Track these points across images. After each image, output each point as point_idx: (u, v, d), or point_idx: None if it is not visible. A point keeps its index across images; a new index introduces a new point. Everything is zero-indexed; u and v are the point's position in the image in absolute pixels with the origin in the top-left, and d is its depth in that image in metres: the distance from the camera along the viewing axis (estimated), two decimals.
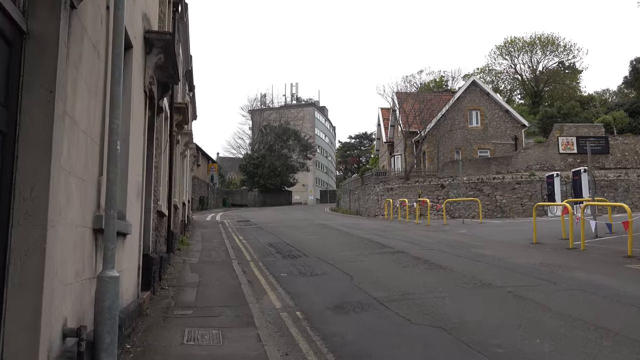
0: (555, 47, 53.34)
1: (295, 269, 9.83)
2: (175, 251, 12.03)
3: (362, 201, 33.08)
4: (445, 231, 17.52)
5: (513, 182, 25.79)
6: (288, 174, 57.76)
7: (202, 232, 19.36)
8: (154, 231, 7.85)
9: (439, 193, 27.57)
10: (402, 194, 28.82)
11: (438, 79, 53.13)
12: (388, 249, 12.31)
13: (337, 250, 12.51)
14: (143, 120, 6.08)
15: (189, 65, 16.30)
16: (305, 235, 16.60)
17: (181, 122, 11.33)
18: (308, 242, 14.45)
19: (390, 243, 13.48)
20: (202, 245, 14.23)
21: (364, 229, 19.11)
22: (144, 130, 6.16)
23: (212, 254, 12.56)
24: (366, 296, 7.22)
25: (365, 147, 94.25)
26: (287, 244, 14.05)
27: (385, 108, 42.43)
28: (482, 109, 34.25)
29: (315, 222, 23.69)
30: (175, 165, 13.01)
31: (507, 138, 34.04)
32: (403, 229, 19.05)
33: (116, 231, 3.69)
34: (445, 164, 31.99)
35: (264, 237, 16.76)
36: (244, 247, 13.95)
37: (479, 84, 34.92)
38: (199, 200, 39.78)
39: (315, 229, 19.30)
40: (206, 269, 10.10)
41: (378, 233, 16.80)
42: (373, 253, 11.66)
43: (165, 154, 9.48)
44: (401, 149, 36.95)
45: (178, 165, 13.79)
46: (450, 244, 13.12)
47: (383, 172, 32.84)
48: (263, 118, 61.02)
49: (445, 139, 33.03)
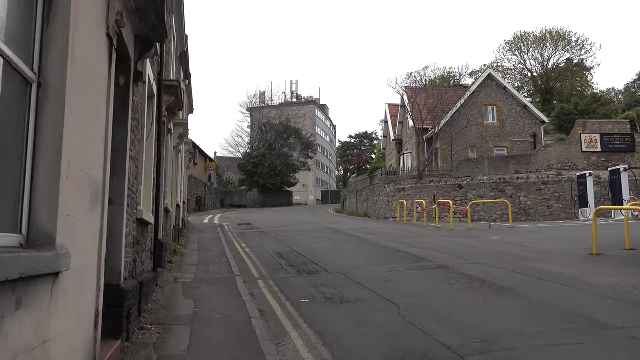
0: (566, 42, 51.30)
1: (318, 292, 7.65)
2: (166, 265, 9.84)
3: (370, 202, 30.93)
4: (475, 238, 15.37)
5: (539, 183, 23.67)
6: (289, 173, 55.54)
7: (199, 237, 17.16)
8: (132, 247, 5.67)
9: (456, 194, 25.44)
10: (416, 195, 26.70)
11: (446, 75, 50.96)
12: (425, 262, 10.15)
13: (361, 263, 10.35)
14: (105, 84, 3.90)
15: (184, 45, 14.12)
16: (317, 243, 14.44)
17: (173, 106, 9.14)
18: (323, 252, 12.29)
19: (423, 254, 11.32)
20: (198, 256, 12.04)
21: (380, 234, 16.95)
22: (107, 100, 3.98)
23: (210, 267, 10.36)
24: (433, 343, 5.05)
25: (366, 147, 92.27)
26: (299, 254, 11.89)
27: (393, 104, 40.31)
28: (499, 104, 32.16)
29: (323, 226, 21.52)
30: (167, 160, 10.83)
31: (526, 135, 31.95)
32: (425, 234, 16.89)
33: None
34: (461, 163, 29.88)
35: (270, 244, 14.59)
36: (248, 258, 11.77)
37: (496, 78, 32.80)
38: (195, 201, 37.57)
39: (327, 235, 17.13)
40: (204, 291, 7.90)
41: (400, 240, 14.65)
42: (410, 268, 9.48)
43: (151, 144, 7.30)
44: (411, 147, 34.85)
45: (171, 160, 11.62)
46: (496, 256, 10.96)
47: (394, 172, 30.70)
48: (263, 115, 58.79)
49: (459, 136, 30.92)
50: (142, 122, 6.13)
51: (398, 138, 37.85)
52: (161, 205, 8.78)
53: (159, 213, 8.00)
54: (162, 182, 9.16)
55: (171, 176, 11.86)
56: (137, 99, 5.78)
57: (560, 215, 23.02)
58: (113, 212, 4.59)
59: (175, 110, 9.51)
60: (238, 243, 15.42)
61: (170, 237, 12.25)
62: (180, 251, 12.16)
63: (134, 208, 5.66)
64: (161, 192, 8.04)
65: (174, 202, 13.34)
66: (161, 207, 8.84)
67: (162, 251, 8.98)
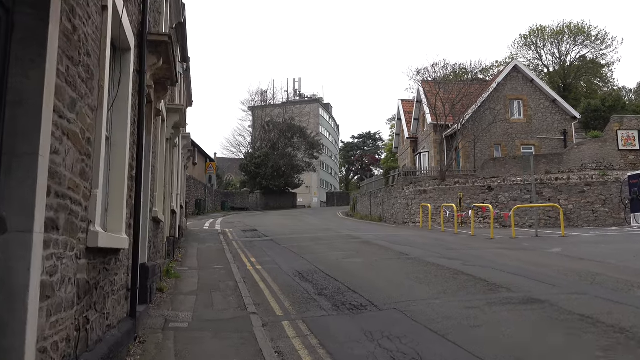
0: (585, 36, 48.68)
1: (380, 350, 5.02)
2: (155, 296, 7.22)
3: (386, 206, 28.27)
4: (532, 250, 12.74)
5: (581, 184, 21.03)
6: (293, 174, 52.89)
7: (198, 249, 14.53)
8: (75, 305, 3.04)
9: (485, 196, 22.82)
10: (438, 197, 24.10)
11: (458, 71, 48.30)
12: (504, 291, 7.51)
13: (417, 291, 7.71)
14: None
15: (181, 15, 11.47)
16: (343, 257, 11.82)
17: (162, 76, 6.51)
18: (357, 272, 9.67)
19: (490, 276, 8.69)
20: (198, 278, 9.38)
21: (413, 244, 14.33)
22: None
23: (215, 298, 7.72)
24: None
25: (369, 148, 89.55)
26: (328, 276, 9.26)
27: (407, 100, 37.66)
28: (525, 98, 29.54)
29: (341, 233, 18.88)
30: (158, 155, 8.21)
31: (555, 132, 29.32)
32: (468, 245, 14.26)
33: None
34: (486, 163, 27.24)
35: (285, 258, 11.97)
36: (262, 281, 9.14)
37: (522, 70, 30.14)
38: (195, 204, 34.95)
39: (350, 245, 14.51)
40: (207, 348, 5.25)
41: (445, 253, 12.02)
42: (490, 302, 6.83)
43: (124, 124, 4.67)
44: (428, 145, 32.24)
45: (163, 154, 8.99)
46: (587, 278, 8.32)
47: (412, 172, 28.04)
48: (266, 114, 56.11)
49: (483, 134, 28.26)
50: (98, 75, 3.49)
51: (413, 136, 35.16)
52: (145, 217, 6.16)
53: (140, 228, 5.37)
54: (148, 183, 6.54)
55: (163, 176, 9.24)
56: (87, 29, 3.15)
57: (606, 220, 20.40)
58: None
59: (165, 84, 6.88)
60: (246, 257, 12.78)
61: (162, 253, 9.63)
62: (175, 272, 9.51)
63: (78, 231, 3.01)
64: (142, 197, 5.41)
65: (167, 209, 10.72)
66: (145, 218, 6.23)
67: (147, 280, 6.37)
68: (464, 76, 43.91)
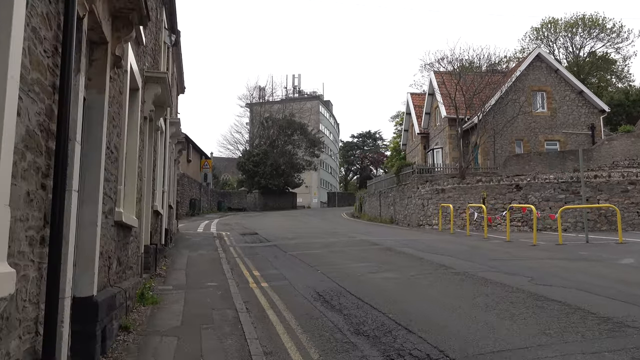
0: (600, 29, 46.41)
1: None
2: (112, 344, 4.76)
3: (398, 206, 25.83)
4: (597, 261, 10.32)
5: (624, 182, 18.67)
6: (293, 173, 50.43)
7: (189, 257, 12.07)
8: None
9: (512, 196, 20.43)
10: (458, 197, 21.72)
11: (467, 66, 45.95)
12: (622, 328, 5.10)
13: (505, 332, 5.27)
14: None
15: None
16: (368, 270, 9.40)
17: (124, 5, 4.08)
18: (396, 294, 7.26)
19: (590, 303, 6.27)
20: (184, 305, 6.90)
21: (446, 252, 11.93)
22: None
23: (205, 343, 5.23)
24: None
25: (369, 147, 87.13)
26: (359, 299, 6.84)
27: (416, 93, 35.22)
28: (549, 89, 27.17)
29: (354, 238, 16.46)
30: (123, 129, 5.77)
31: (582, 127, 26.96)
32: (511, 253, 11.84)
33: None
34: (509, 159, 24.89)
35: (297, 271, 9.55)
36: (272, 309, 6.68)
37: (546, 59, 27.73)
38: (189, 204, 32.46)
39: (372, 254, 12.10)
40: None
41: (494, 265, 9.61)
42: (614, 349, 4.41)
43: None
44: (442, 141, 29.84)
45: (138, 136, 6.54)
46: None
47: (428, 170, 25.62)
48: (265, 109, 53.59)
49: (503, 128, 25.87)
50: None
51: (424, 131, 32.72)
52: (91, 221, 3.73)
53: (71, 239, 2.92)
54: (99, 168, 4.10)
55: (137, 165, 6.77)
56: None
57: None
58: None
59: (130, 18, 4.43)
60: (247, 268, 10.34)
61: (136, 268, 7.18)
62: (153, 295, 7.02)
63: None
64: (79, 188, 2.98)
65: (147, 210, 8.28)
66: (91, 224, 3.80)
67: (95, 322, 3.95)
68: (484, 65, 41.28)
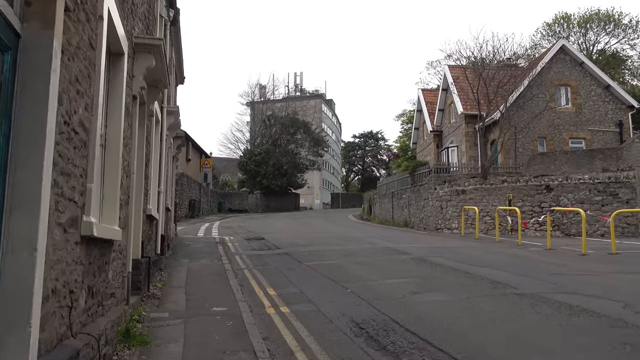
0: (615, 24, 44.74)
1: None
2: None
3: (414, 208, 24.08)
4: None
5: None
6: (296, 173, 48.67)
7: (189, 270, 10.29)
8: None
9: (542, 198, 18.72)
10: (481, 198, 20.03)
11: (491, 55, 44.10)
12: None
13: None
14: None
15: None
16: (410, 289, 7.67)
17: None
18: (463, 328, 5.51)
19: None
20: (183, 346, 5.10)
21: (490, 264, 10.18)
22: None
23: None
24: None
25: (371, 147, 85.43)
26: (413, 334, 5.12)
27: (428, 89, 33.50)
28: (574, 84, 25.44)
29: (376, 245, 14.69)
30: (113, 106, 3.98)
31: (609, 123, 25.23)
32: (568, 265, 10.09)
33: None
34: (533, 158, 23.17)
35: (320, 289, 7.81)
36: (302, 351, 4.90)
37: (570, 51, 25.99)
38: (188, 205, 30.68)
39: (404, 265, 10.35)
40: None
41: (559, 282, 7.87)
42: None
43: None
44: (457, 139, 28.09)
45: (120, 114, 4.79)
46: None
47: (445, 169, 23.87)
48: (267, 107, 51.80)
49: (525, 125, 24.12)
50: None
51: (437, 129, 30.95)
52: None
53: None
54: (45, 147, 2.26)
55: (120, 155, 5.01)
56: None
57: None
58: None
59: None
60: (259, 285, 8.57)
61: (120, 294, 5.41)
62: (142, 334, 5.24)
63: None
64: None
65: (137, 215, 6.52)
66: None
67: None
68: (509, 55, 39.20)
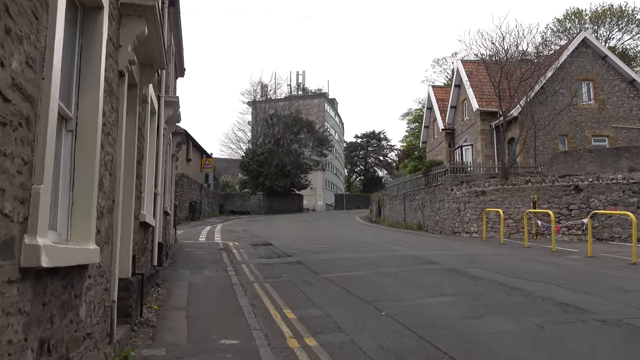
0: (629, 19, 43.44)
1: None
2: None
3: (427, 210, 22.74)
4: None
5: None
6: (299, 174, 47.33)
7: (190, 285, 8.94)
8: None
9: (570, 200, 17.39)
10: (502, 200, 18.71)
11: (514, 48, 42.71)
12: None
13: None
14: None
15: None
16: (462, 312, 6.35)
17: None
18: None
19: None
20: None
21: (547, 280, 8.84)
22: None
23: None
24: None
25: (373, 147, 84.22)
26: None
27: (439, 86, 32.25)
28: (596, 79, 24.13)
29: (397, 252, 13.33)
30: (86, 76, 2.62)
31: (634, 120, 23.92)
32: (630, 277, 8.76)
33: None
34: (555, 157, 21.83)
35: (347, 309, 6.48)
36: None
37: (592, 44, 24.66)
38: (189, 207, 29.35)
39: (437, 278, 9.00)
40: None
41: (636, 304, 6.53)
42: None
43: None
44: (472, 138, 26.75)
45: (97, 90, 3.49)
46: None
47: (461, 169, 22.53)
48: (269, 106, 50.46)
49: (545, 122, 22.80)
50: None
51: (449, 127, 29.62)
52: None
53: None
54: None
55: (108, 149, 3.67)
56: None
57: None
58: None
59: None
60: (274, 304, 7.23)
61: (105, 326, 4.07)
62: None
63: None
64: None
65: (126, 224, 5.19)
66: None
67: None
68: (531, 47, 37.81)
